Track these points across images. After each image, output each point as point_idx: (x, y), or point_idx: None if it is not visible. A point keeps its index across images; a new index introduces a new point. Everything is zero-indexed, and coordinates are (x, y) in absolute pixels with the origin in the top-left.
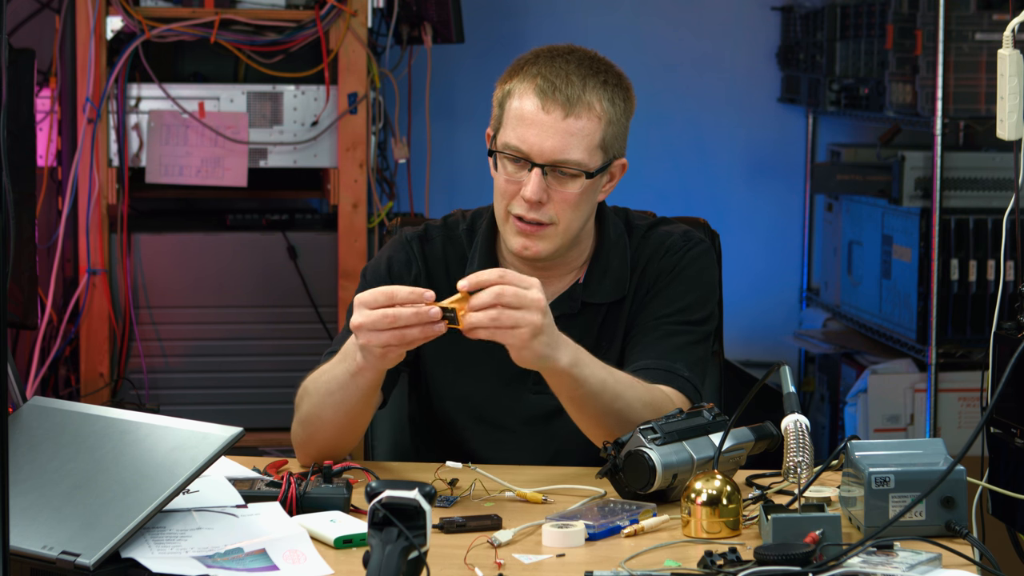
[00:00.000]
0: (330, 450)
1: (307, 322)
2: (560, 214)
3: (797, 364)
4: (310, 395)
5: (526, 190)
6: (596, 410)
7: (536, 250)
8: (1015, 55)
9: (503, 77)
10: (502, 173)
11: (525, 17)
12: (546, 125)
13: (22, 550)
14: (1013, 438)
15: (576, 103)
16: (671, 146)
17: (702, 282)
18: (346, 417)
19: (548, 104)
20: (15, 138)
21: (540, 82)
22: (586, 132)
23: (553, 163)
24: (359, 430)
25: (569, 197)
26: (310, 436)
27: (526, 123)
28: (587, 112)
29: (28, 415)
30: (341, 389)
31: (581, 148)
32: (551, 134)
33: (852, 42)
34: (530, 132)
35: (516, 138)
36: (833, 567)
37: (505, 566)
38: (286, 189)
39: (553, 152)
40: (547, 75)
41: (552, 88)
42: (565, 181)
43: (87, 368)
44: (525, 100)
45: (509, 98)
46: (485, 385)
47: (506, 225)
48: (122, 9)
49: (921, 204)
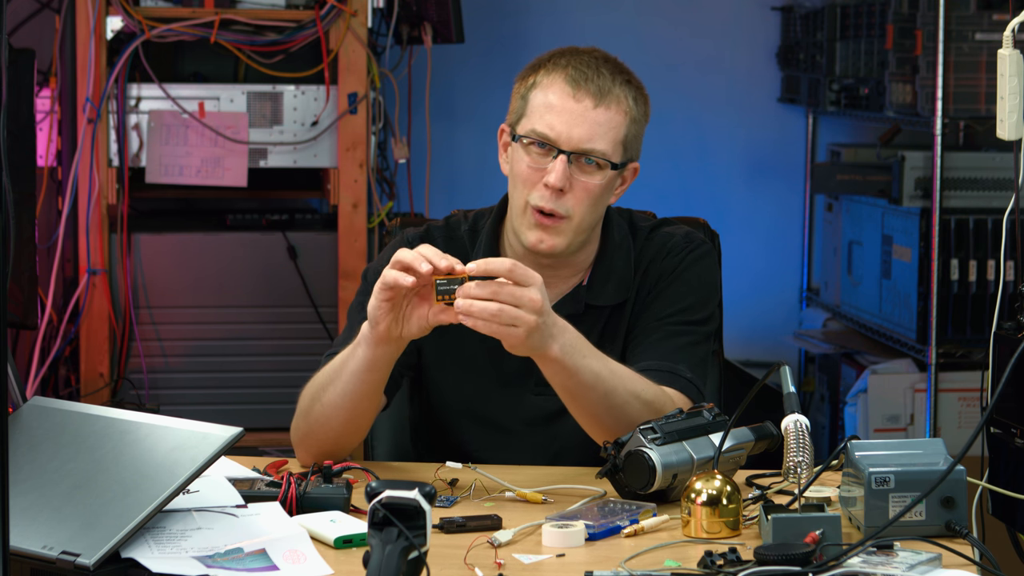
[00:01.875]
0: (331, 445)
1: (307, 322)
2: (577, 207)
3: (797, 364)
4: (312, 387)
5: (550, 177)
6: (591, 403)
7: (551, 244)
8: (1015, 55)
9: (524, 72)
10: (524, 160)
11: (525, 17)
12: (576, 113)
13: (22, 550)
14: (1013, 438)
15: (607, 94)
16: (671, 146)
17: (703, 283)
18: (348, 404)
19: (579, 93)
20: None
21: (572, 71)
22: (613, 124)
23: (579, 151)
24: (361, 425)
25: (591, 188)
26: (311, 430)
27: (555, 111)
28: (616, 104)
29: (28, 415)
30: (346, 373)
31: (608, 139)
32: (580, 122)
33: (852, 42)
34: (559, 119)
35: (544, 125)
36: (833, 567)
37: (505, 566)
38: (286, 189)
39: (580, 140)
40: (578, 66)
41: (584, 78)
42: (589, 171)
43: (87, 368)
44: (554, 88)
45: (534, 89)
46: (487, 387)
47: (523, 217)
48: (122, 9)
49: (921, 204)
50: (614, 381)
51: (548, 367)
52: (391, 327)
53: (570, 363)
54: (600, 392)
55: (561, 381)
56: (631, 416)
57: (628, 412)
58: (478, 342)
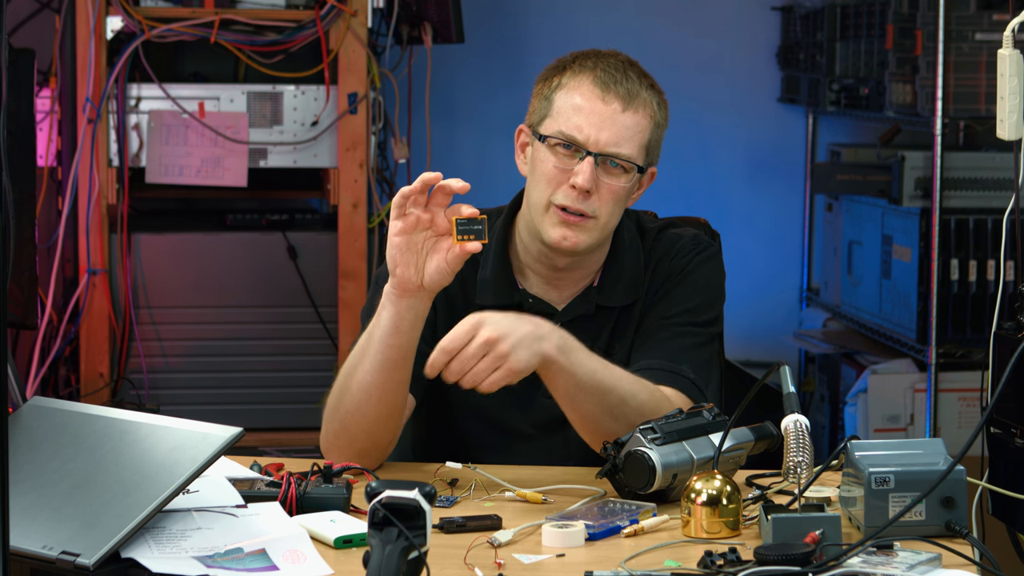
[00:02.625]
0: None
1: (307, 322)
2: (603, 207)
3: (797, 364)
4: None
5: (577, 178)
6: (590, 403)
7: (575, 241)
8: (1015, 55)
9: (547, 73)
10: (550, 160)
11: (525, 17)
12: (604, 115)
13: (22, 550)
14: (1013, 438)
15: (635, 98)
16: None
17: (710, 285)
18: (379, 380)
19: (608, 96)
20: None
21: (600, 74)
22: (640, 128)
23: (606, 154)
24: (394, 409)
25: (616, 190)
26: (343, 426)
27: (583, 112)
28: (643, 109)
29: (28, 415)
30: (373, 344)
31: (634, 143)
32: (608, 125)
33: (852, 42)
34: (587, 121)
35: (571, 127)
36: (833, 567)
37: (505, 566)
38: (286, 189)
39: (608, 143)
40: (606, 68)
41: (613, 81)
42: (615, 174)
43: (87, 368)
44: (582, 90)
45: (560, 90)
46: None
47: (545, 215)
48: (122, 9)
49: (921, 204)
50: (611, 379)
51: (549, 371)
52: (409, 272)
53: (566, 361)
54: (599, 390)
55: (563, 383)
56: (628, 416)
57: (625, 412)
58: None
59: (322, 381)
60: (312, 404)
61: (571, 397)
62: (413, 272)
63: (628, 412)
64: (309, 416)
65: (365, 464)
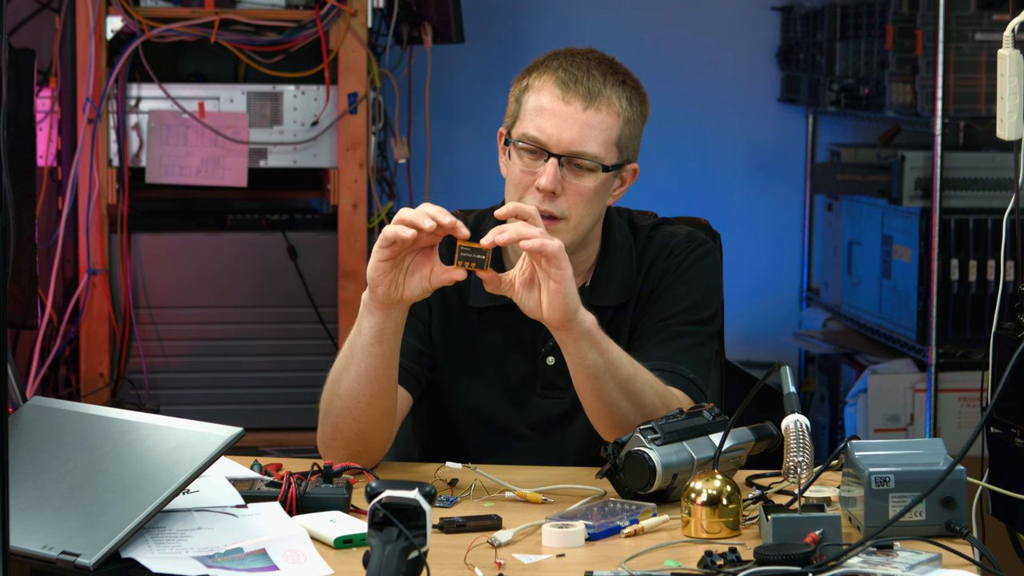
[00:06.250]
0: (359, 440)
1: (307, 322)
2: (573, 208)
3: (797, 364)
4: (328, 386)
5: (541, 180)
6: (614, 385)
7: None
8: (1015, 55)
9: (520, 75)
10: (517, 164)
11: (525, 17)
12: (565, 116)
13: (22, 550)
14: (1013, 438)
15: (597, 96)
16: (672, 146)
17: (706, 283)
18: (366, 385)
19: (569, 95)
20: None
21: (562, 74)
22: (604, 126)
23: (570, 154)
24: (384, 411)
25: (584, 191)
26: (336, 429)
27: (545, 113)
28: (607, 106)
29: (28, 415)
30: (356, 353)
31: (598, 141)
32: (570, 125)
33: (852, 42)
34: (549, 122)
35: (534, 128)
36: (833, 567)
37: (505, 566)
38: (286, 189)
39: (571, 143)
40: (568, 68)
41: (573, 80)
42: (581, 174)
43: (87, 368)
44: (545, 91)
45: (527, 92)
46: (495, 390)
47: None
48: (122, 9)
49: (921, 204)
50: (634, 366)
51: (578, 341)
52: (390, 290)
53: (601, 338)
54: (624, 374)
55: (591, 359)
56: (647, 405)
57: (645, 400)
58: (488, 346)
59: (322, 381)
60: (312, 404)
61: (597, 376)
62: (394, 289)
63: (647, 400)
64: (309, 416)
65: (364, 463)
